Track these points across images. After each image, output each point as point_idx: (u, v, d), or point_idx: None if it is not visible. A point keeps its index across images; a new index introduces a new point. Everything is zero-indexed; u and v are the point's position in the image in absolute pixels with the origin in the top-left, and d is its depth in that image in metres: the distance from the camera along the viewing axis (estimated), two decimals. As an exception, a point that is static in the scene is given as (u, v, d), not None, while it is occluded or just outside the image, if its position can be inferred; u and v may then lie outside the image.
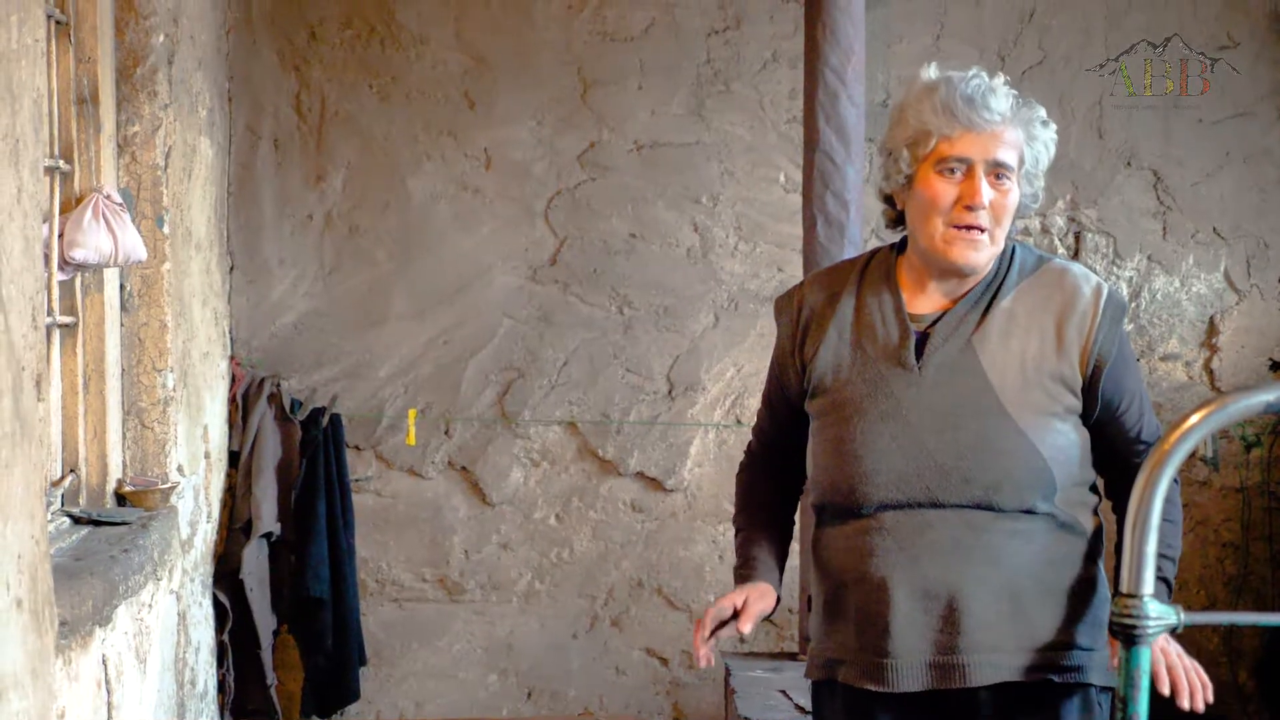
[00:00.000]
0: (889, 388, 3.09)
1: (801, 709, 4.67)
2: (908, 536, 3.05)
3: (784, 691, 4.89)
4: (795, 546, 5.72)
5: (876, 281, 3.20)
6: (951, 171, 3.06)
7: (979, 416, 3.04)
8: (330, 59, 6.00)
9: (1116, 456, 3.13)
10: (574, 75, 6.03)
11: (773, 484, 3.40)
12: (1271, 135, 6.07)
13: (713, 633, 3.16)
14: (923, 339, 3.11)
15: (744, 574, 3.29)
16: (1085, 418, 3.11)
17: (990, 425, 3.03)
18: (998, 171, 3.06)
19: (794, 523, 3.43)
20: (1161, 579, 3.03)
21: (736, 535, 3.37)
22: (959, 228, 3.06)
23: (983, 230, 3.06)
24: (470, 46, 6.01)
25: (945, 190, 3.06)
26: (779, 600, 3.28)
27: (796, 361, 3.23)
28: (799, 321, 3.24)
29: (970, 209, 3.04)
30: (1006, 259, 3.16)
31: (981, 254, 3.07)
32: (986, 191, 3.04)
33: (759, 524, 3.35)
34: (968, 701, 3.06)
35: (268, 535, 5.74)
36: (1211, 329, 6.12)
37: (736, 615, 3.17)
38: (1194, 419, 2.13)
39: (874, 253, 3.29)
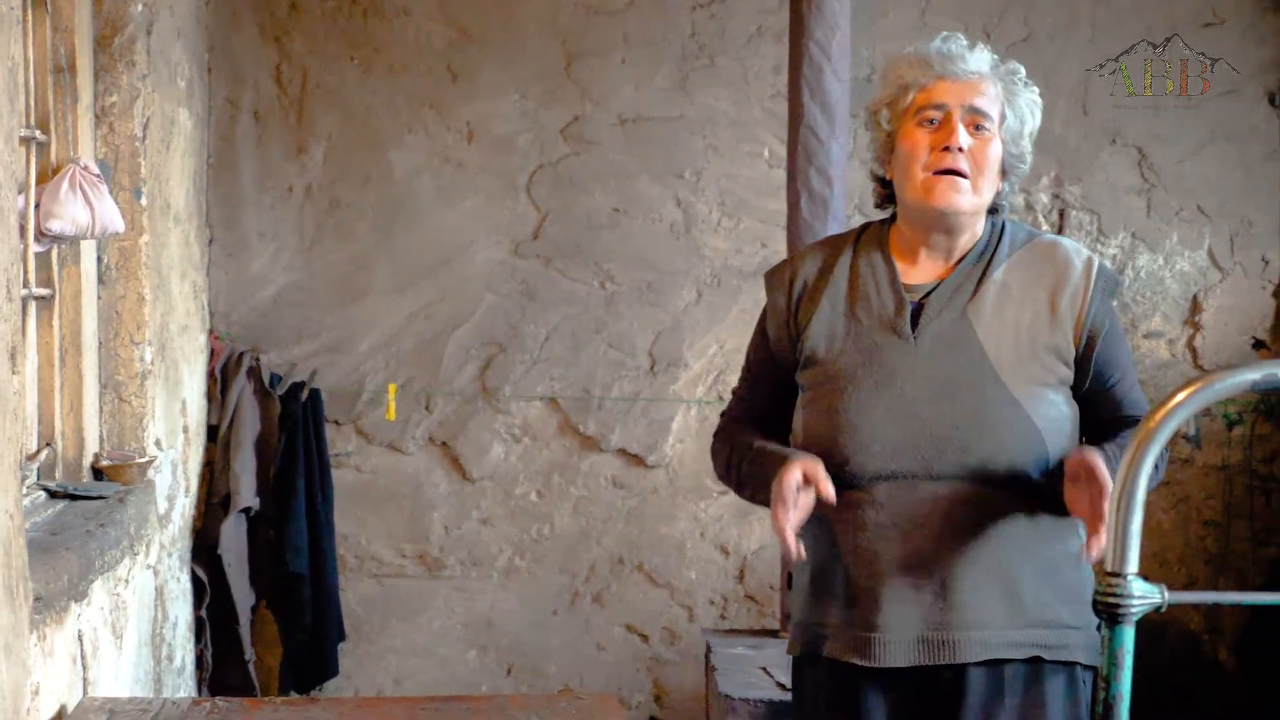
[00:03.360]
0: (884, 357, 3.07)
1: (783, 686, 4.65)
2: (901, 509, 3.03)
3: (765, 669, 4.87)
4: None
5: (870, 252, 3.19)
6: (930, 121, 3.07)
7: (975, 387, 3.03)
8: (311, 31, 5.95)
9: (1105, 430, 3.12)
10: (558, 48, 6.00)
11: (760, 434, 3.27)
12: (1257, 113, 6.05)
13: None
14: (917, 309, 3.10)
15: (771, 463, 3.10)
16: (1075, 390, 3.10)
17: (987, 396, 3.02)
18: (976, 121, 3.06)
19: None
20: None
21: (741, 465, 3.21)
22: (938, 173, 3.05)
23: (963, 175, 3.05)
24: (453, 18, 5.97)
25: (923, 139, 3.07)
26: None
27: (791, 332, 3.20)
28: (792, 293, 3.21)
29: (947, 150, 3.04)
30: (997, 232, 3.15)
31: (963, 197, 3.06)
32: (964, 136, 3.04)
33: (762, 439, 3.21)
34: (955, 677, 3.04)
35: (246, 510, 5.71)
36: (1195, 307, 6.10)
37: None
38: (1180, 397, 2.11)
39: (865, 226, 3.28)
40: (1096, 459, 2.90)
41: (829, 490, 2.99)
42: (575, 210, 6.03)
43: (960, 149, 3.04)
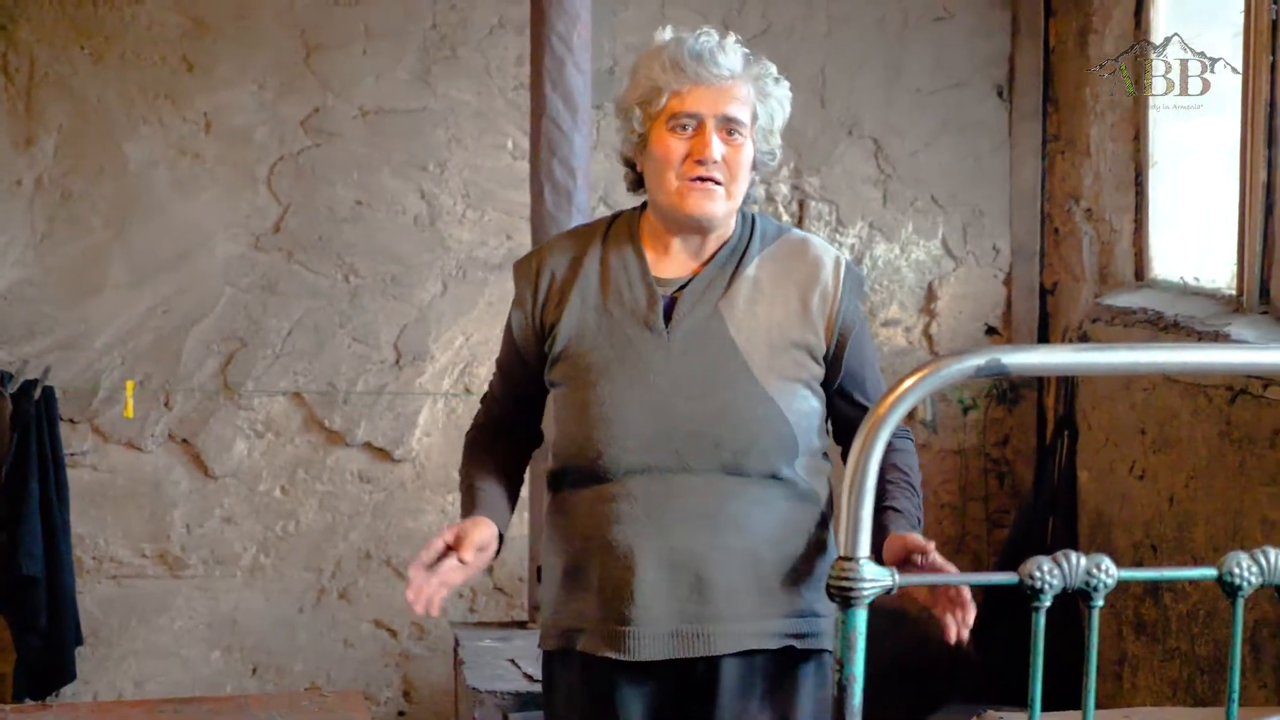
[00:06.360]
0: (637, 351, 3.08)
1: (530, 678, 4.66)
2: (654, 503, 3.05)
3: (513, 660, 4.87)
4: (525, 515, 5.71)
5: (621, 244, 3.18)
6: (683, 128, 3.06)
7: (728, 382, 3.06)
8: (39, 18, 5.78)
9: (853, 424, 3.15)
10: (297, 38, 5.91)
11: (503, 444, 3.31)
12: (986, 106, 6.22)
13: (437, 565, 2.98)
14: (670, 303, 3.11)
15: (465, 512, 3.15)
16: (826, 386, 3.15)
17: (739, 391, 3.05)
18: (729, 127, 3.06)
19: (522, 481, 3.33)
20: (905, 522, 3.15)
21: (461, 487, 3.25)
22: (692, 180, 3.06)
23: (717, 183, 3.06)
24: (187, 8, 5.84)
25: (677, 146, 3.06)
26: (501, 539, 3.11)
27: (536, 325, 3.17)
28: (538, 285, 3.18)
29: (701, 163, 3.05)
30: (748, 227, 3.18)
31: (717, 205, 3.07)
32: (718, 146, 3.05)
33: (487, 472, 3.24)
34: (710, 669, 3.08)
35: (-24, 513, 5.56)
36: (930, 295, 6.25)
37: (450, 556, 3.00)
38: (908, 383, 2.14)
39: (615, 216, 3.27)
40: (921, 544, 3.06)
41: (467, 557, 2.98)
42: (317, 203, 5.95)
43: (714, 160, 3.06)
